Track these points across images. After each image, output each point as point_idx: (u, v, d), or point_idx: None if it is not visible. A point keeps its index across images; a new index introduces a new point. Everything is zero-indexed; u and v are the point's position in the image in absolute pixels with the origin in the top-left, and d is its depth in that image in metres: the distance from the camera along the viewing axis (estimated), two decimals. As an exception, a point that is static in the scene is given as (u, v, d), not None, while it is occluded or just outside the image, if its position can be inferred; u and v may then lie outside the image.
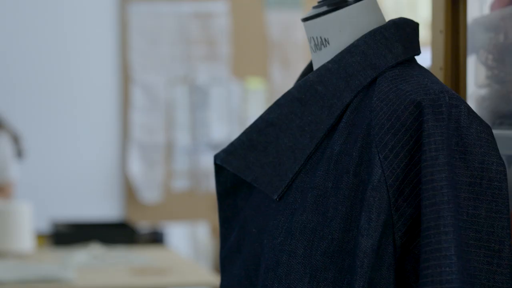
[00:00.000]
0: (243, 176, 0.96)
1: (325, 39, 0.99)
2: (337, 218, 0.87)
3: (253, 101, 5.21)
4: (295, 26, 5.22)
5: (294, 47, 5.24)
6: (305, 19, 1.02)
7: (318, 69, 0.96)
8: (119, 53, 5.04)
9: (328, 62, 0.96)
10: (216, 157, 1.00)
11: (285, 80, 5.24)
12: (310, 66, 1.06)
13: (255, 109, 5.19)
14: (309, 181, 0.91)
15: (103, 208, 4.94)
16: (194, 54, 5.14)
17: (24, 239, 3.28)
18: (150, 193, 5.00)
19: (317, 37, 1.00)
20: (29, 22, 4.90)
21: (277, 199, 0.93)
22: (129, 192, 4.98)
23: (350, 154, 0.89)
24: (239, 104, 5.17)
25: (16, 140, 3.84)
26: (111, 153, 4.99)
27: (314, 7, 1.01)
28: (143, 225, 4.76)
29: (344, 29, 0.98)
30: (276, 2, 5.21)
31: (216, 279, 2.76)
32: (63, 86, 4.94)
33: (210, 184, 5.08)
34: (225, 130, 5.14)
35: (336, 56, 0.96)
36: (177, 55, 5.12)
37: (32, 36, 4.90)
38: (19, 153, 3.88)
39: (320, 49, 1.00)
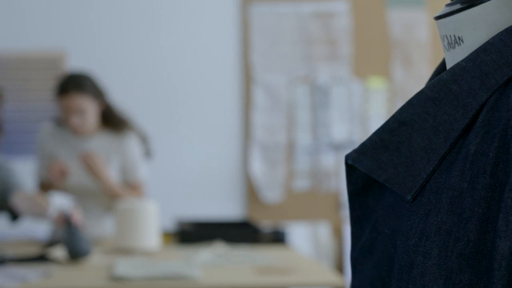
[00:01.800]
0: (375, 176, 0.96)
1: (458, 38, 0.98)
2: (473, 219, 0.85)
3: (374, 100, 5.17)
4: (418, 25, 5.15)
5: (417, 46, 5.17)
6: (437, 17, 1.00)
7: (452, 68, 0.94)
8: (241, 53, 5.09)
9: (462, 60, 0.94)
10: (347, 157, 0.99)
11: (407, 79, 5.18)
12: (442, 65, 1.05)
13: (376, 109, 5.15)
14: (444, 182, 0.89)
15: (226, 207, 5.00)
16: (315, 54, 5.15)
17: (151, 237, 3.36)
18: (271, 193, 5.03)
19: (450, 36, 0.99)
20: (154, 25, 5.01)
21: (411, 200, 0.92)
22: (251, 192, 5.03)
23: (486, 155, 0.87)
24: (360, 104, 5.15)
25: (144, 140, 3.92)
26: (234, 153, 5.05)
27: (447, 5, 0.99)
28: (265, 224, 4.79)
29: (479, 27, 0.96)
30: (398, 0, 5.16)
31: (339, 279, 2.75)
32: (186, 87, 5.03)
33: (331, 184, 5.08)
34: (346, 130, 5.12)
35: (471, 54, 0.94)
36: (298, 55, 5.14)
37: (156, 38, 5.01)
38: (147, 153, 3.95)
39: (454, 47, 0.98)
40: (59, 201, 3.42)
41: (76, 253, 3.05)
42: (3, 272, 2.80)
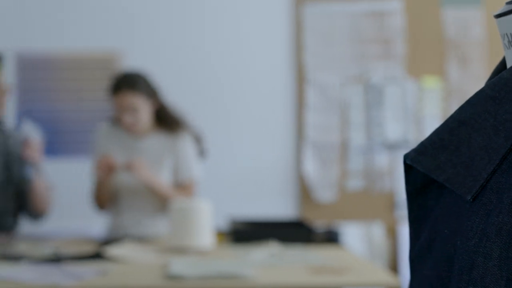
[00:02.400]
0: (435, 176, 0.95)
1: (519, 36, 0.96)
2: (535, 220, 0.84)
3: (428, 100, 5.13)
4: (474, 23, 5.10)
5: (472, 45, 5.11)
6: (498, 15, 0.99)
7: (512, 67, 0.93)
8: (294, 53, 5.09)
9: (523, 59, 0.93)
10: (406, 156, 0.99)
11: (462, 78, 5.13)
12: (502, 63, 1.03)
13: (431, 108, 5.11)
14: (505, 182, 0.88)
15: (279, 206, 5.00)
16: (368, 53, 5.12)
17: (205, 236, 3.37)
18: (325, 193, 5.02)
19: (511, 34, 0.97)
20: (208, 26, 5.03)
21: (471, 200, 0.91)
22: (304, 191, 5.03)
23: (548, 154, 0.85)
24: (415, 103, 5.11)
25: (198, 140, 3.93)
26: (287, 153, 5.05)
27: (508, 3, 0.98)
28: (318, 224, 4.79)
29: (540, 25, 0.95)
30: (453, -1, 5.11)
31: (393, 280, 2.73)
32: (239, 87, 5.04)
33: (384, 184, 5.05)
34: (400, 130, 5.09)
35: (532, 53, 0.92)
36: (351, 55, 5.12)
37: (210, 39, 5.03)
38: (201, 153, 3.97)
39: (515, 46, 0.97)
40: (28, 129, 3.57)
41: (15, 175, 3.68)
42: (59, 270, 2.84)
